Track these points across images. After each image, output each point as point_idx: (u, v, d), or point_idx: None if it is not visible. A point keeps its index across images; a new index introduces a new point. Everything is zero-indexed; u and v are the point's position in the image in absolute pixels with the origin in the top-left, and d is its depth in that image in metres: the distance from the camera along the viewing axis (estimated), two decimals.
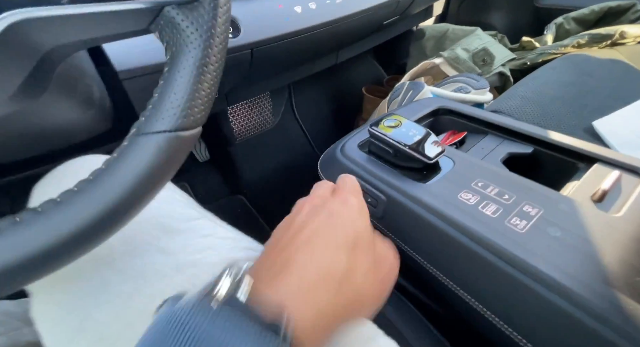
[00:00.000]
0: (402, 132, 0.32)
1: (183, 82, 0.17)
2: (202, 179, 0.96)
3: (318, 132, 1.10)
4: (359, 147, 0.37)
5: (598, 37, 0.65)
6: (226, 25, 0.18)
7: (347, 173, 0.34)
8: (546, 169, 0.36)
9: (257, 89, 0.72)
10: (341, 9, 0.48)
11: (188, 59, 0.17)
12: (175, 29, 0.17)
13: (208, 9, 0.17)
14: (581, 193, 0.29)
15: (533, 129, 0.37)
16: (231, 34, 0.39)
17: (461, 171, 0.32)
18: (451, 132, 0.43)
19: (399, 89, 0.58)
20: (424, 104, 0.44)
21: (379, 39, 0.86)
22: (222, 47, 0.18)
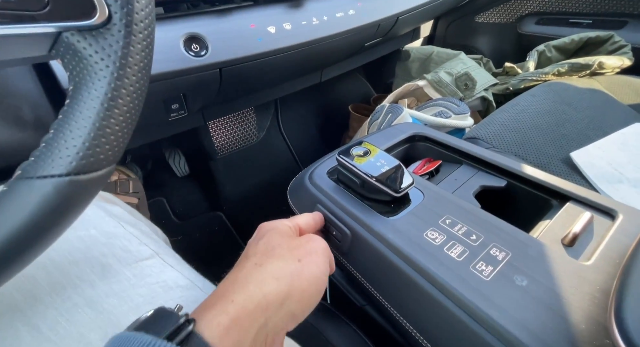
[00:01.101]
0: (370, 162, 0.30)
1: (83, 119, 0.15)
2: (180, 194, 0.92)
3: (304, 149, 1.08)
4: (328, 174, 0.35)
5: (577, 66, 0.66)
6: (145, 54, 0.16)
7: (315, 202, 0.33)
8: (519, 204, 0.35)
9: (238, 104, 0.71)
10: (318, 30, 0.47)
11: (91, 92, 0.15)
12: (78, 58, 0.15)
13: (118, 36, 0.15)
14: (552, 235, 0.27)
15: (507, 161, 0.35)
16: (198, 52, 0.38)
17: (430, 205, 0.30)
18: (426, 159, 0.41)
19: (379, 111, 0.57)
20: (400, 130, 0.43)
21: (364, 58, 0.86)
22: (138, 79, 0.16)
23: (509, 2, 0.97)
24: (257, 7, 0.43)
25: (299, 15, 0.46)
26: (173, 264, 0.28)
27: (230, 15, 0.41)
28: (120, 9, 0.15)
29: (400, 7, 0.61)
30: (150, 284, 0.25)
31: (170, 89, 0.39)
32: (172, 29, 0.37)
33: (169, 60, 0.36)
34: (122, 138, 0.16)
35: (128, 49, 0.15)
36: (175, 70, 0.37)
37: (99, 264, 0.25)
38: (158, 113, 0.42)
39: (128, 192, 0.75)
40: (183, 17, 0.39)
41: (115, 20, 0.15)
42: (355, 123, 1.05)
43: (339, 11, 0.50)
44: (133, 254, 0.27)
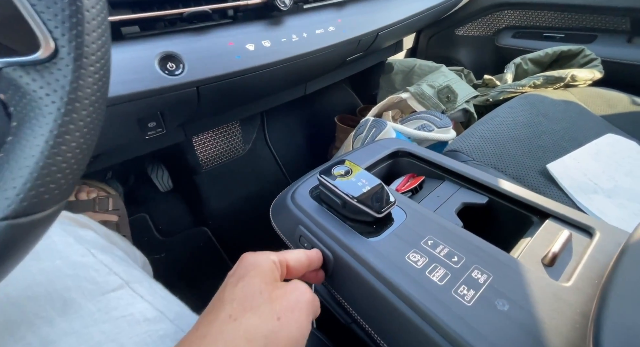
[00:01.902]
0: (351, 182, 0.30)
1: (25, 158, 0.14)
2: (164, 210, 0.90)
3: (291, 160, 1.07)
4: (310, 193, 0.35)
5: (552, 79, 0.68)
6: (98, 87, 0.15)
7: (297, 223, 0.32)
8: (501, 221, 0.35)
9: (222, 119, 0.70)
10: (297, 47, 0.47)
11: (35, 130, 0.14)
12: (21, 93, 0.14)
13: (66, 70, 0.14)
14: (532, 255, 0.27)
15: (488, 178, 0.36)
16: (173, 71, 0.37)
17: (412, 225, 0.30)
18: (410, 175, 0.41)
19: (363, 125, 0.57)
20: (383, 146, 0.43)
21: (348, 71, 0.87)
22: (90, 113, 0.15)
23: (487, 16, 1.00)
24: (236, 25, 0.43)
25: (278, 33, 0.45)
26: (144, 294, 0.27)
27: (208, 33, 0.40)
28: (68, 42, 0.14)
29: (380, 22, 0.62)
30: (115, 318, 0.24)
31: (145, 108, 0.38)
32: (147, 48, 0.36)
33: (143, 80, 0.35)
34: (71, 175, 0.15)
35: (77, 83, 0.14)
36: (150, 89, 0.36)
37: (61, 299, 0.23)
38: (133, 132, 0.41)
39: (107, 210, 0.72)
40: (159, 35, 0.38)
41: (62, 55, 0.14)
42: (341, 134, 1.05)
43: (319, 28, 0.50)
44: (100, 285, 0.25)
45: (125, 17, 0.35)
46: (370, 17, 0.61)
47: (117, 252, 0.32)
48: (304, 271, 0.27)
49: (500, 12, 0.98)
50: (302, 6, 0.50)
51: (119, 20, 0.35)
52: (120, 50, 0.35)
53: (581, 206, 0.44)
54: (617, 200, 0.45)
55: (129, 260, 0.33)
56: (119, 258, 0.30)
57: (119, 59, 0.34)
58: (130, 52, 0.35)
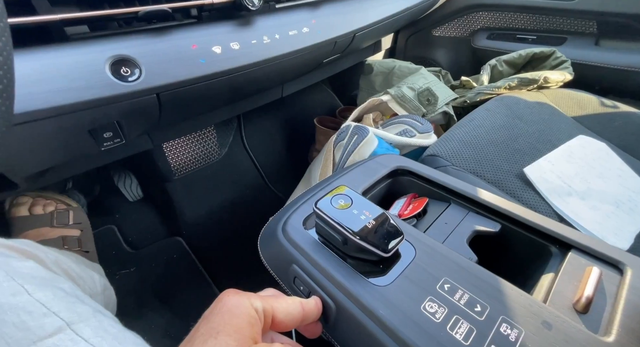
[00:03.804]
0: (352, 214, 0.25)
1: None
2: (134, 220, 0.84)
3: (270, 164, 1.04)
4: (304, 224, 0.30)
5: (526, 81, 0.69)
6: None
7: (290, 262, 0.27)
8: (515, 250, 0.32)
9: (193, 124, 0.66)
10: (269, 49, 0.44)
11: None
12: None
13: None
14: (561, 298, 0.25)
15: (500, 203, 0.33)
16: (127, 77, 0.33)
17: (424, 264, 0.26)
18: (411, 195, 0.38)
19: (344, 132, 0.55)
20: (381, 164, 0.39)
21: (326, 73, 0.85)
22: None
23: (462, 17, 1.01)
24: (200, 26, 0.39)
25: (248, 34, 0.43)
26: (89, 336, 0.23)
27: (169, 35, 0.37)
28: None
29: (357, 23, 0.60)
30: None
31: (96, 118, 0.34)
32: (96, 50, 0.32)
33: (91, 87, 0.31)
34: None
35: None
36: (100, 98, 0.32)
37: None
38: (86, 144, 0.37)
39: (67, 224, 0.67)
40: (111, 36, 0.34)
41: None
42: (321, 136, 1.03)
43: (292, 29, 0.47)
44: (32, 331, 0.22)
45: (71, 15, 0.31)
46: (346, 18, 0.59)
47: (62, 284, 0.28)
48: (296, 326, 0.22)
49: (475, 14, 0.99)
50: (273, 6, 0.47)
51: (63, 19, 0.31)
52: (63, 54, 0.31)
53: (557, 209, 0.44)
54: (590, 202, 0.46)
55: (77, 292, 0.29)
56: (63, 292, 0.27)
57: (63, 63, 0.30)
58: (76, 56, 0.31)
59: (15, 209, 0.63)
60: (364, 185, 0.36)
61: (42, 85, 0.28)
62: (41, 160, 0.36)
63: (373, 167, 0.38)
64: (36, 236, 0.61)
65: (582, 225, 0.43)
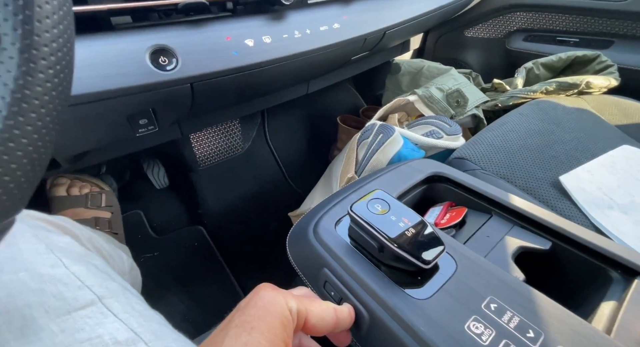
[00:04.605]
0: (389, 220, 0.24)
1: None
2: (159, 207, 0.88)
3: (291, 160, 1.05)
4: (336, 226, 0.29)
5: (565, 85, 0.65)
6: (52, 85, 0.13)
7: (321, 265, 0.26)
8: (568, 271, 0.30)
9: (220, 117, 0.68)
10: (300, 44, 0.45)
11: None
12: None
13: (10, 64, 0.11)
14: (627, 331, 0.22)
15: (551, 218, 0.30)
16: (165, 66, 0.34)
17: (466, 279, 0.24)
18: (448, 203, 0.36)
19: (369, 130, 0.54)
20: (416, 168, 0.37)
21: (352, 71, 0.85)
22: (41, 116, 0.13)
23: (497, 18, 0.97)
24: (235, 19, 0.40)
25: (280, 28, 0.43)
26: (118, 311, 0.24)
27: (205, 27, 0.38)
28: (12, 30, 0.11)
29: (388, 21, 0.59)
30: (80, 341, 0.22)
31: (134, 104, 0.36)
32: (138, 40, 0.34)
33: (132, 74, 0.33)
34: (17, 190, 0.13)
35: (24, 79, 0.12)
36: (140, 85, 0.33)
37: (20, 318, 0.21)
38: (123, 129, 0.39)
39: (100, 206, 0.70)
40: (152, 27, 0.35)
41: (4, 45, 0.12)
42: (343, 135, 1.03)
43: (323, 24, 0.47)
44: (67, 302, 0.23)
45: (116, 6, 0.33)
46: (378, 15, 0.58)
47: (95, 261, 0.30)
48: (327, 332, 0.21)
49: (512, 14, 0.94)
50: (306, 1, 0.48)
51: (109, 9, 0.32)
52: (109, 42, 0.32)
53: (596, 222, 0.41)
54: (634, 216, 0.42)
55: (108, 269, 0.30)
56: (95, 268, 0.28)
57: (107, 51, 0.32)
58: (119, 44, 0.33)
59: (55, 189, 0.67)
60: (398, 190, 0.34)
61: (90, 71, 0.30)
62: (83, 143, 0.38)
63: (407, 171, 0.37)
64: (72, 215, 0.65)
65: (624, 241, 0.40)
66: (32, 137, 0.13)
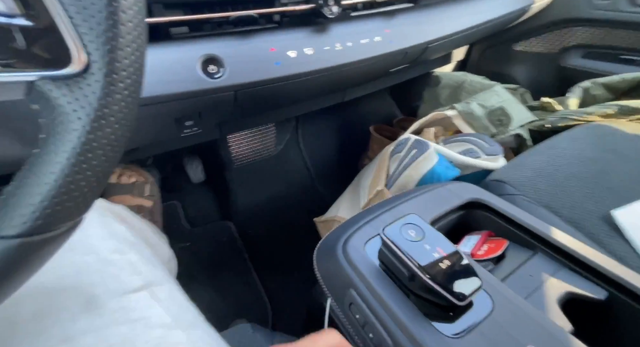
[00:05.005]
0: (422, 249, 0.23)
1: (45, 175, 0.13)
2: (194, 200, 0.93)
3: (321, 166, 1.06)
4: (365, 245, 0.28)
5: (628, 109, 0.59)
6: (126, 104, 0.15)
7: (348, 286, 0.26)
8: (625, 325, 0.27)
9: (257, 120, 0.71)
10: (341, 56, 0.45)
11: (59, 146, 0.13)
12: (51, 106, 0.13)
13: (95, 86, 0.14)
14: None
15: (609, 264, 0.27)
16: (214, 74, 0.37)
17: (504, 322, 0.23)
18: (487, 233, 0.34)
19: (402, 144, 0.53)
20: (453, 192, 0.35)
21: (390, 81, 0.84)
22: (114, 131, 0.15)
23: (552, 32, 0.91)
24: (280, 31, 0.42)
25: (322, 40, 0.44)
26: (162, 298, 0.27)
27: (251, 38, 0.40)
28: (101, 57, 0.13)
29: (431, 35, 0.58)
30: (132, 320, 0.24)
31: (184, 108, 0.39)
32: (192, 49, 0.37)
33: (184, 81, 0.36)
34: (90, 193, 0.15)
35: (105, 100, 0.14)
36: (190, 91, 0.36)
37: (86, 295, 0.24)
38: (170, 130, 0.42)
39: (144, 195, 0.76)
40: (204, 37, 0.38)
41: (93, 70, 0.13)
42: (375, 145, 1.02)
43: (365, 38, 0.48)
44: (123, 284, 0.26)
45: (176, 18, 0.36)
46: (420, 28, 0.57)
47: (145, 251, 0.33)
48: None
49: (569, 29, 0.88)
50: (348, 14, 0.49)
51: (170, 21, 0.36)
52: (166, 51, 0.35)
53: None
54: None
55: (153, 259, 0.33)
56: (145, 257, 0.31)
57: (164, 59, 0.35)
58: (175, 53, 0.36)
59: None
60: (433, 214, 0.32)
61: (149, 77, 0.33)
62: (134, 140, 0.42)
63: (444, 195, 0.35)
64: (119, 201, 0.71)
65: None
66: (106, 148, 0.15)
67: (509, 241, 0.32)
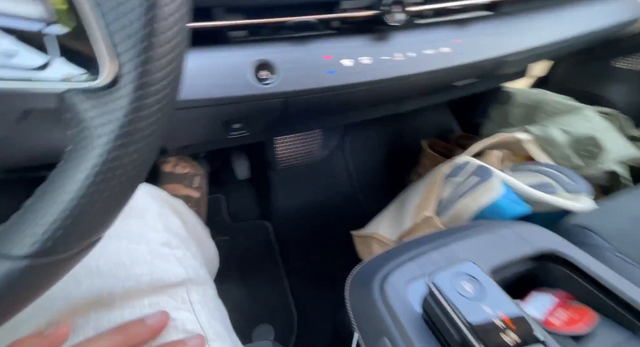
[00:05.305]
0: (479, 310, 0.19)
1: (62, 194, 0.12)
2: (237, 196, 0.96)
3: (365, 177, 1.02)
4: (408, 286, 0.25)
5: None
6: (154, 120, 0.13)
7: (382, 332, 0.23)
8: None
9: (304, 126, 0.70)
10: (401, 67, 0.42)
11: (79, 162, 0.13)
12: (78, 119, 0.13)
13: (123, 101, 0.12)
14: None
15: None
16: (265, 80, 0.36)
17: None
18: (565, 295, 0.28)
19: (460, 167, 0.47)
20: (522, 236, 0.29)
21: (452, 95, 0.76)
22: (138, 149, 0.13)
23: None
24: (336, 38, 0.40)
25: (381, 49, 0.41)
26: (194, 301, 0.27)
27: (307, 44, 0.39)
28: (133, 69, 0.12)
29: (510, 47, 0.51)
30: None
31: (232, 112, 0.39)
32: (246, 53, 0.37)
33: (234, 86, 0.35)
34: (105, 216, 0.14)
35: (132, 115, 0.13)
36: (240, 96, 0.36)
37: (131, 284, 0.25)
38: (218, 132, 0.43)
39: (192, 186, 0.81)
40: (259, 42, 0.38)
41: (123, 83, 0.12)
42: (427, 161, 0.95)
43: (430, 48, 0.43)
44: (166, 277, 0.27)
45: (235, 22, 0.36)
46: (497, 39, 0.50)
47: (192, 247, 0.34)
48: None
49: None
50: (414, 21, 0.44)
51: (229, 25, 0.36)
52: (221, 54, 0.36)
53: None
54: None
55: (200, 256, 0.34)
56: (191, 253, 0.32)
57: (218, 62, 0.35)
58: (229, 57, 0.36)
59: (164, 165, 0.80)
60: (494, 262, 0.27)
61: (201, 79, 0.34)
62: (184, 139, 0.43)
63: (510, 238, 0.29)
64: (172, 190, 0.76)
65: None
66: (128, 168, 0.14)
67: (598, 312, 0.25)
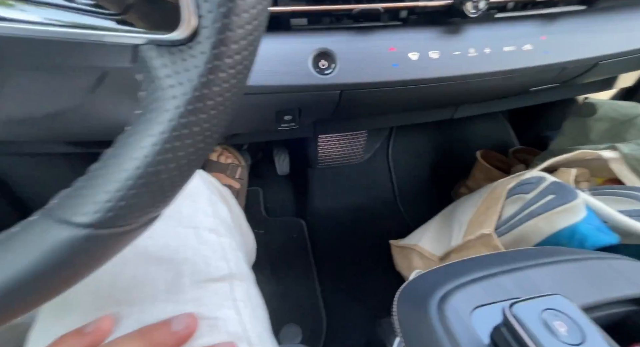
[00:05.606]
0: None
1: (128, 160, 0.11)
2: (275, 191, 0.97)
3: (408, 184, 0.97)
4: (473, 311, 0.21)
5: None
6: (230, 85, 0.12)
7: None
8: None
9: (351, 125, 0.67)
10: (473, 64, 0.37)
11: (147, 127, 0.11)
12: (150, 78, 0.11)
13: (200, 59, 0.11)
14: None
15: None
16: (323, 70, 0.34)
17: None
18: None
19: (532, 183, 0.41)
20: (621, 272, 0.24)
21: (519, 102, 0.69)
22: (210, 117, 0.12)
23: None
24: (404, 29, 0.37)
25: (452, 44, 0.37)
26: (238, 298, 0.25)
27: (371, 34, 0.36)
28: (212, 22, 0.11)
29: (606, 48, 0.43)
30: (202, 317, 0.23)
31: (287, 102, 0.38)
32: (307, 42, 0.35)
33: (292, 74, 0.34)
34: (169, 188, 0.13)
35: (207, 77, 0.11)
36: (297, 85, 0.35)
37: (175, 272, 0.24)
38: (269, 122, 0.42)
39: (234, 177, 0.83)
40: (322, 30, 0.36)
41: (201, 38, 0.11)
42: (479, 173, 0.87)
43: (510, 44, 0.38)
44: (209, 269, 0.25)
45: (299, 8, 0.34)
46: (591, 38, 0.43)
47: (237, 237, 0.33)
48: None
49: None
50: (492, 14, 0.40)
51: (293, 10, 0.34)
52: (281, 41, 0.35)
53: None
54: None
55: (242, 248, 0.33)
56: (236, 244, 0.30)
57: (278, 49, 0.34)
58: (290, 44, 0.35)
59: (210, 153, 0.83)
60: (585, 299, 0.23)
61: (261, 65, 0.33)
62: (235, 127, 0.43)
63: (606, 274, 0.24)
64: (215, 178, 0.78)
65: None
66: (197, 138, 0.12)
67: None
